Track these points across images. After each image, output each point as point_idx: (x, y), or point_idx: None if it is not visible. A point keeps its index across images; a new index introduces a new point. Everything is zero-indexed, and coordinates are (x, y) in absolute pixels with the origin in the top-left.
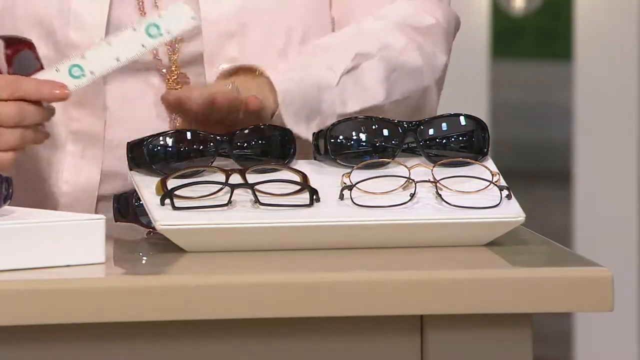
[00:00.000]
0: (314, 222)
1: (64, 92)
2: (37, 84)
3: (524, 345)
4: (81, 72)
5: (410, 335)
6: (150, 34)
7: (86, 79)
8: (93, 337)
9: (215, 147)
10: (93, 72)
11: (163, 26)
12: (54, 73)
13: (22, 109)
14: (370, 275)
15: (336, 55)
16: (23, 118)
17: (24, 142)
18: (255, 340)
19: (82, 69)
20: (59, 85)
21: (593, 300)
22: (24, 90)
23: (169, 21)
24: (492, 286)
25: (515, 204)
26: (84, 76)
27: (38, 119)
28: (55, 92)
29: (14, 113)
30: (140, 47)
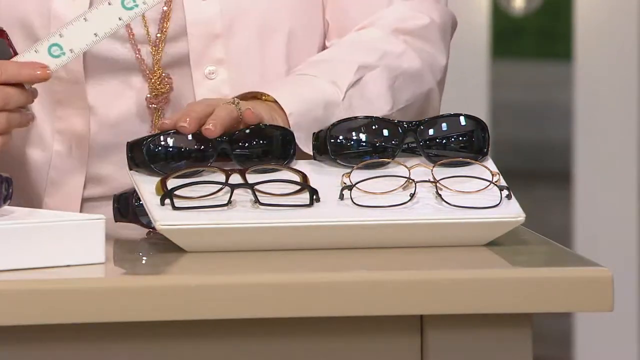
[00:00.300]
0: (314, 222)
1: (45, 72)
2: (17, 67)
3: (524, 346)
4: (61, 51)
5: (410, 336)
6: (126, 6)
7: (66, 57)
8: (93, 337)
9: (215, 147)
10: (72, 50)
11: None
12: (34, 54)
13: (5, 92)
14: (370, 275)
15: (339, 70)
16: (7, 102)
17: (9, 125)
18: (255, 341)
19: (62, 48)
20: (40, 65)
21: (593, 300)
22: (5, 74)
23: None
24: (492, 286)
25: (515, 204)
26: (63, 54)
27: (22, 101)
28: (37, 72)
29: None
30: (117, 20)
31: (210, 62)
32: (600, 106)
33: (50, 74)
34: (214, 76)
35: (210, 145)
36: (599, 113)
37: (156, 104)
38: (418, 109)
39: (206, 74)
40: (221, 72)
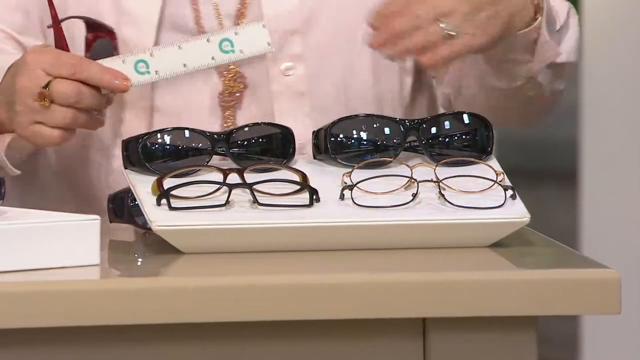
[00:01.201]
0: (314, 222)
1: (125, 84)
2: (101, 70)
3: (529, 349)
4: (146, 69)
5: (412, 339)
6: (223, 48)
7: (150, 77)
8: (88, 340)
9: (212, 146)
10: (158, 72)
11: (237, 44)
12: (120, 63)
13: (80, 91)
14: (372, 277)
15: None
16: (78, 100)
17: (74, 123)
18: (254, 344)
19: (148, 66)
20: (122, 76)
21: (600, 302)
22: (86, 72)
23: (245, 40)
24: (496, 288)
25: (520, 204)
26: (148, 73)
27: (93, 104)
28: (116, 82)
29: (71, 93)
30: (210, 59)
31: (288, 58)
32: (607, 104)
33: (128, 86)
34: (290, 72)
35: (207, 144)
36: (605, 111)
37: (229, 102)
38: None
39: (283, 70)
40: (298, 68)
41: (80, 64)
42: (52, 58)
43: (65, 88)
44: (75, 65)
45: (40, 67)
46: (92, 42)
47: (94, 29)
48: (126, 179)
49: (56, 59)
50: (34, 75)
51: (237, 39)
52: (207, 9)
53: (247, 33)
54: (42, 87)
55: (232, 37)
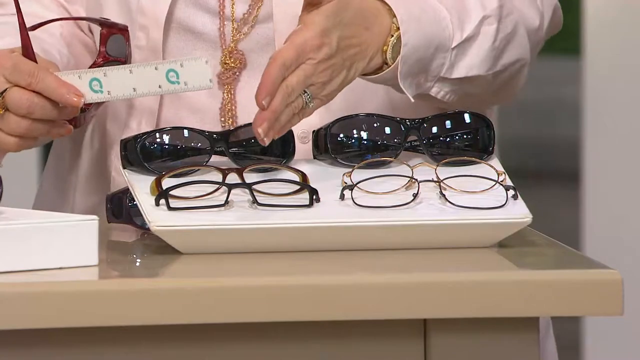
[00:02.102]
0: (314, 223)
1: (79, 100)
2: (56, 83)
3: (530, 350)
4: (100, 88)
5: (413, 340)
6: (169, 78)
7: (102, 96)
8: (86, 341)
9: (211, 146)
10: (110, 93)
11: (182, 76)
12: (76, 79)
13: (33, 102)
14: (372, 278)
15: (468, 12)
16: (31, 112)
17: (30, 132)
18: (254, 345)
19: (101, 85)
20: (76, 91)
21: (602, 304)
22: (42, 84)
23: (188, 74)
24: (497, 289)
25: (522, 204)
26: (101, 92)
27: (47, 115)
28: (71, 97)
29: (24, 104)
30: (157, 87)
31: None
32: (610, 103)
33: (81, 103)
34: None
35: (206, 143)
36: (608, 110)
37: (225, 80)
38: (509, 76)
39: None
40: None
41: (38, 74)
42: (12, 65)
43: (18, 98)
44: (32, 76)
45: (1, 72)
46: (106, 37)
47: (106, 25)
48: (124, 179)
49: (15, 67)
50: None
51: (182, 71)
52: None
53: (191, 66)
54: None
55: (178, 68)
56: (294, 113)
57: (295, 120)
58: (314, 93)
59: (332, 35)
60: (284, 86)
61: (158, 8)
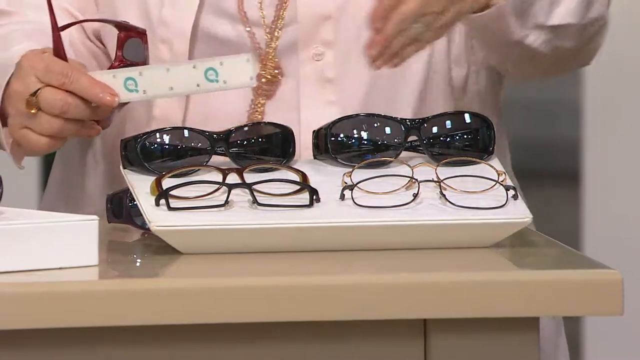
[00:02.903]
0: (314, 223)
1: (113, 99)
2: (90, 83)
3: (530, 350)
4: (135, 87)
5: (413, 340)
6: (208, 77)
7: (137, 95)
8: (86, 341)
9: (211, 146)
10: (145, 92)
11: (221, 75)
12: (111, 78)
13: (67, 102)
14: (373, 278)
15: None
16: (65, 111)
17: (61, 132)
18: (253, 345)
19: (137, 85)
20: (111, 91)
21: (602, 303)
22: (76, 84)
23: (228, 72)
24: (497, 289)
25: (522, 204)
26: (136, 92)
27: (81, 115)
28: (105, 97)
29: (57, 103)
30: (195, 85)
31: (319, 43)
32: (610, 104)
33: (116, 102)
34: (320, 58)
35: (207, 144)
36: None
37: (266, 91)
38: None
39: (313, 55)
40: (327, 55)
41: (71, 74)
42: (45, 66)
43: (52, 98)
44: (65, 76)
45: (33, 73)
46: (124, 40)
47: (124, 28)
48: (125, 179)
49: (48, 67)
50: (26, 80)
51: (221, 70)
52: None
53: (231, 64)
54: (30, 94)
55: (217, 67)
56: (407, 43)
57: (408, 51)
58: (427, 24)
59: None
60: (397, 12)
61: (183, 20)
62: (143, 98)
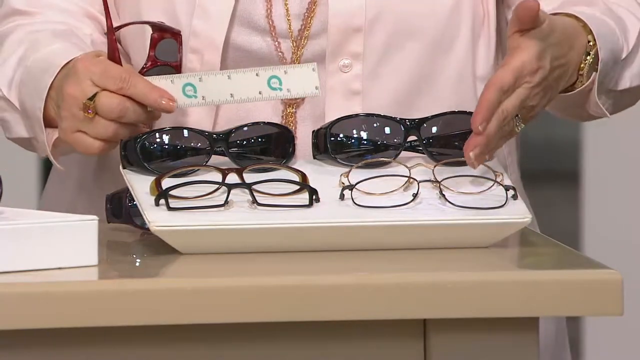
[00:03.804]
0: (314, 223)
1: (171, 104)
2: (148, 88)
3: (530, 350)
4: (194, 93)
5: (413, 340)
6: (271, 85)
7: (196, 101)
8: (86, 341)
9: (211, 146)
10: (205, 98)
11: (285, 83)
12: (169, 84)
13: (125, 106)
14: (372, 278)
15: (622, 25)
16: (122, 116)
17: (116, 137)
18: (253, 345)
19: (195, 90)
20: (169, 96)
21: (602, 303)
22: (133, 89)
23: (293, 80)
24: (497, 289)
25: (522, 204)
26: (195, 97)
27: (137, 120)
28: (162, 102)
29: (115, 108)
30: (257, 93)
31: (347, 55)
32: None
33: (174, 107)
34: (347, 69)
35: (206, 144)
36: None
37: (293, 101)
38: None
39: (340, 67)
40: (355, 66)
41: (129, 79)
42: (101, 70)
43: (109, 102)
44: (123, 80)
45: (89, 77)
46: (157, 41)
47: (158, 29)
48: (124, 179)
49: (105, 71)
50: (82, 85)
51: (285, 78)
52: (278, 8)
53: (296, 73)
54: (87, 98)
55: (281, 75)
56: (503, 136)
57: (501, 143)
58: (522, 116)
59: (546, 57)
60: (499, 111)
61: (215, 31)
62: (202, 104)
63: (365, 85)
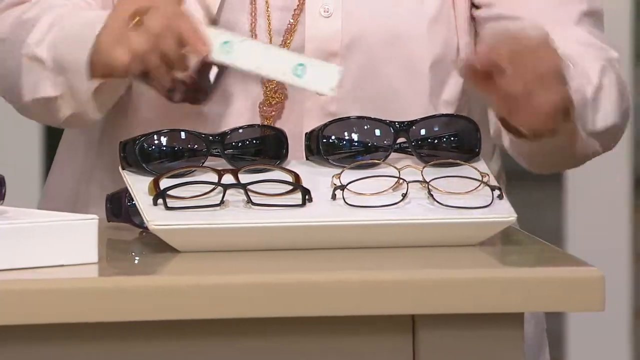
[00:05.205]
0: (306, 222)
1: (205, 49)
2: (192, 27)
3: (515, 344)
4: (229, 51)
5: (402, 335)
6: (296, 71)
7: (228, 59)
8: (86, 337)
9: (207, 147)
10: (236, 60)
11: (308, 74)
12: (212, 31)
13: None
14: (363, 275)
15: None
16: (162, 34)
17: (145, 56)
18: (247, 340)
19: (231, 51)
20: (207, 43)
21: (584, 300)
22: (180, 22)
23: (315, 74)
24: (484, 286)
25: (507, 204)
26: (228, 55)
27: (169, 51)
28: (199, 44)
29: (161, 24)
30: (281, 73)
31: None
32: None
33: (205, 52)
34: None
35: (202, 145)
36: None
37: (268, 112)
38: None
39: None
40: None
41: (180, 13)
42: (149, 2)
43: (158, 17)
44: (173, 13)
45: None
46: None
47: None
48: (124, 179)
49: (153, 2)
50: (138, 2)
51: (310, 70)
52: (262, 23)
53: (320, 68)
54: (139, 8)
55: (308, 64)
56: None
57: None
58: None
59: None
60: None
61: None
62: (232, 64)
63: (341, 106)
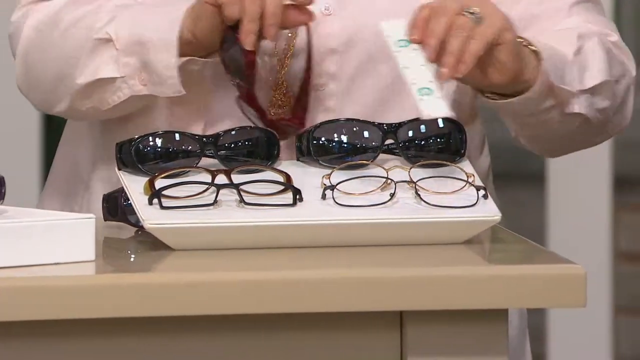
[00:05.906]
0: (297, 221)
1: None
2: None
3: (500, 340)
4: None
5: (389, 330)
6: (425, 85)
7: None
8: (83, 333)
9: (201, 148)
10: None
11: (429, 100)
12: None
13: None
14: (351, 272)
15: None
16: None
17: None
18: (239, 336)
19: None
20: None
21: (566, 296)
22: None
23: (435, 101)
24: (469, 283)
25: (492, 204)
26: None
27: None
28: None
29: None
30: (412, 81)
31: (323, 74)
32: None
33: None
34: (323, 88)
35: (197, 147)
36: None
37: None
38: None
39: (317, 85)
40: (331, 85)
41: None
42: None
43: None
44: None
45: None
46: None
47: None
48: (120, 179)
49: None
50: None
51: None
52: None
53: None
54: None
55: (434, 92)
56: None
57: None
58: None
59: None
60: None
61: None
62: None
63: (339, 102)
